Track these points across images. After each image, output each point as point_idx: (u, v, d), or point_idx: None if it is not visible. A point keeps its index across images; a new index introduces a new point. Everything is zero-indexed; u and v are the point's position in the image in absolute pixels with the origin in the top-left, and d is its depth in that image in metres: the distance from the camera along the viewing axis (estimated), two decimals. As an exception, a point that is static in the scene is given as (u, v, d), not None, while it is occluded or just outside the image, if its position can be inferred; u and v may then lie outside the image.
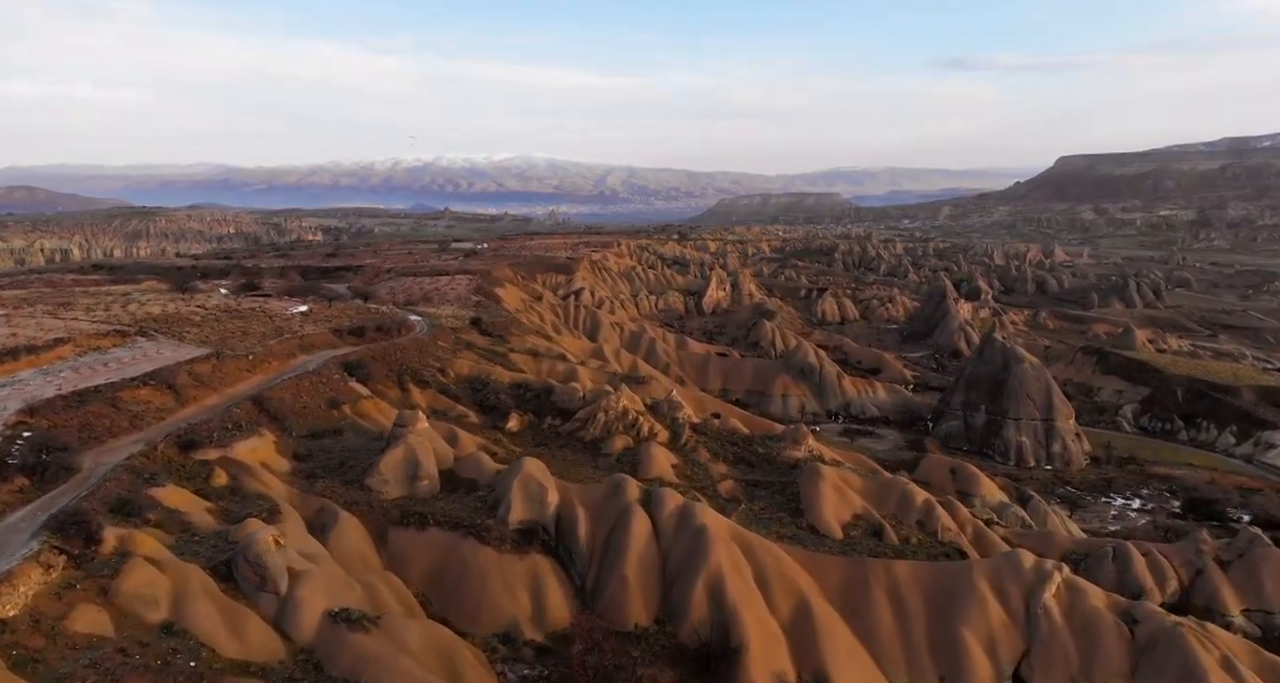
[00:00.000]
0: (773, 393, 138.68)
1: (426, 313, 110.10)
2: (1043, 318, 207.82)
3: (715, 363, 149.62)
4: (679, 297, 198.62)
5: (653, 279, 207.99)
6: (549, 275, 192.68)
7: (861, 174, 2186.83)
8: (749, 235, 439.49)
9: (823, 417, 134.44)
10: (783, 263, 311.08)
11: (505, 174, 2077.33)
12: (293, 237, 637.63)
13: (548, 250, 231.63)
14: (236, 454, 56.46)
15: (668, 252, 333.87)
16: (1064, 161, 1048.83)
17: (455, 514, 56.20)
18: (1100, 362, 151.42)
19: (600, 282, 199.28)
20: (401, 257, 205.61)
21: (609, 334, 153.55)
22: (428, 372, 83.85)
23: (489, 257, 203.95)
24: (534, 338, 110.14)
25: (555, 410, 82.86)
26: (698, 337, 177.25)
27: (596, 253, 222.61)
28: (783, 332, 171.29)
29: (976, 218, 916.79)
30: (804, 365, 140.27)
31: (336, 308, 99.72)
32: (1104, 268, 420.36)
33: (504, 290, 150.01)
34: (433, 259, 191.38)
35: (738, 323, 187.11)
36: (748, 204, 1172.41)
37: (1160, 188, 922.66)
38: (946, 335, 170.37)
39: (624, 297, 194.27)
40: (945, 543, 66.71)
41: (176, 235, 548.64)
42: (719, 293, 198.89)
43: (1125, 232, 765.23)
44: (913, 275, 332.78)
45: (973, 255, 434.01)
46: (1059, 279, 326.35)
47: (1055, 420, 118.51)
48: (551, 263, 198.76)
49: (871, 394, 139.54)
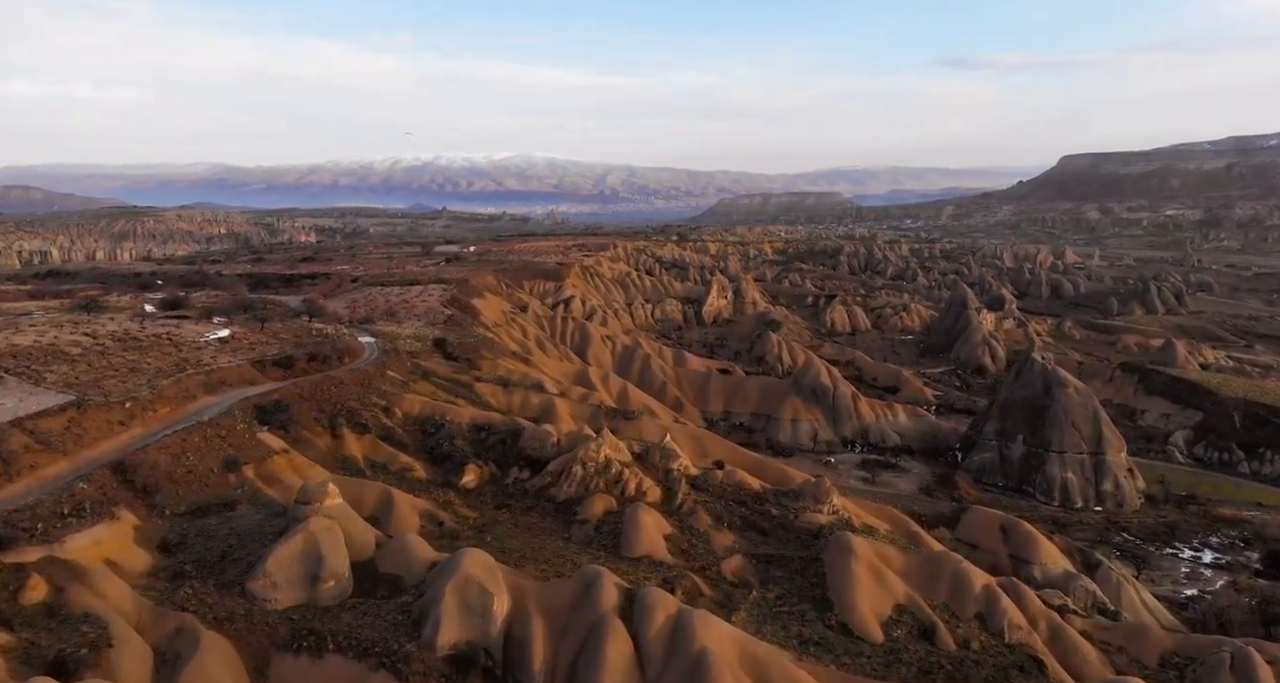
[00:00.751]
0: (781, 416, 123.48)
1: (384, 333, 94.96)
2: (1068, 327, 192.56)
3: (717, 382, 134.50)
4: (677, 305, 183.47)
5: (649, 286, 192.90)
6: (537, 283, 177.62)
7: (862, 173, 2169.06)
8: (750, 237, 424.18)
9: (837, 445, 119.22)
10: (786, 266, 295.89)
11: (505, 173, 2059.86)
12: (285, 237, 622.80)
13: (538, 254, 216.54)
14: (69, 552, 41.41)
15: (666, 254, 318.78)
16: (1067, 161, 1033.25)
17: (365, 634, 41.15)
18: (1143, 381, 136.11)
19: (592, 289, 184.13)
20: (379, 261, 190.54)
21: (599, 350, 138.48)
22: (369, 412, 68.81)
23: (473, 262, 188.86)
24: (508, 362, 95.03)
25: (523, 459, 67.82)
26: (697, 350, 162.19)
27: (589, 257, 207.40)
28: (789, 345, 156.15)
29: (980, 217, 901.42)
30: (816, 386, 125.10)
31: (270, 330, 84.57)
32: (1117, 270, 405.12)
33: (483, 302, 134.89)
34: (411, 265, 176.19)
35: (740, 334, 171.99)
36: (748, 204, 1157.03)
37: (1165, 187, 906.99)
38: (969, 349, 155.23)
39: (618, 306, 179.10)
40: (1015, 647, 51.65)
41: (164, 236, 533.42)
42: (720, 301, 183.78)
43: (1131, 231, 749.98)
44: (922, 279, 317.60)
45: (982, 257, 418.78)
46: (1075, 283, 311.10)
47: (1105, 454, 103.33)
48: (540, 269, 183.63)
49: (891, 418, 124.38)
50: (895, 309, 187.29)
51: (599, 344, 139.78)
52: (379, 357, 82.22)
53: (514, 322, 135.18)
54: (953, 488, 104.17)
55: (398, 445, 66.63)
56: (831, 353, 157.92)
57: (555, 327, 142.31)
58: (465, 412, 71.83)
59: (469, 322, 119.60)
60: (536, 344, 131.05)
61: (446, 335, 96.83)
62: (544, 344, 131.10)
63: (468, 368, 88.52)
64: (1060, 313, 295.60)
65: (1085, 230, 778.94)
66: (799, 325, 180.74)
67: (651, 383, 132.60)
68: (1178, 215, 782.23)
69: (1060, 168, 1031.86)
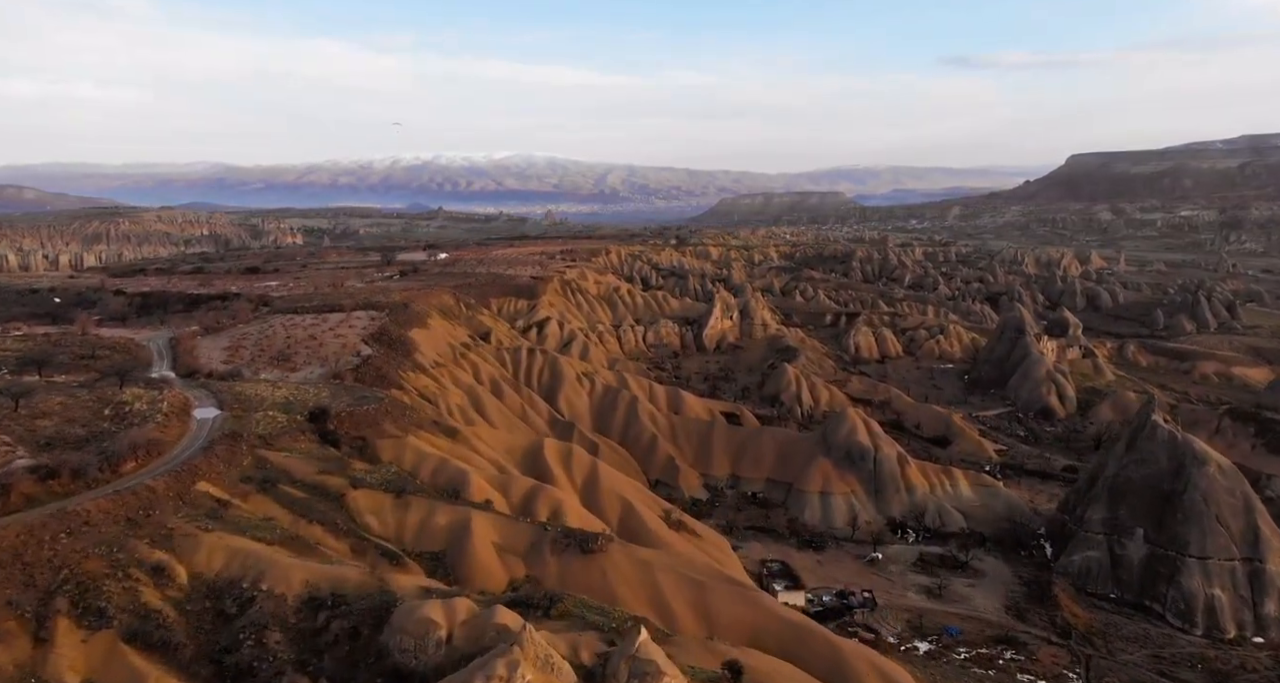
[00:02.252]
0: (806, 486, 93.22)
1: (242, 398, 64.63)
2: (1131, 352, 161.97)
3: (722, 435, 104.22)
4: (673, 328, 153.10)
5: (640, 305, 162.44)
6: (507, 301, 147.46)
7: (864, 173, 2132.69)
8: (754, 240, 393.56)
9: (882, 528, 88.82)
10: (795, 275, 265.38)
11: (505, 173, 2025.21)
12: (271, 238, 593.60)
13: (515, 264, 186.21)
14: None
15: (664, 260, 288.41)
16: (1076, 160, 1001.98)
17: None
18: (1263, 434, 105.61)
19: (572, 308, 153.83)
20: (322, 275, 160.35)
21: (573, 394, 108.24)
22: (119, 583, 38.95)
23: (434, 275, 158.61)
24: (423, 439, 64.85)
25: (384, 674, 38.06)
26: (697, 384, 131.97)
27: (572, 269, 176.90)
28: (809, 380, 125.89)
29: (988, 218, 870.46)
30: (851, 447, 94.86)
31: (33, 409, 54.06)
32: (1147, 276, 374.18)
33: (423, 333, 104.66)
34: (354, 280, 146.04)
35: (749, 364, 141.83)
36: (749, 203, 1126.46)
37: (1178, 187, 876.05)
38: (1031, 387, 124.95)
39: (603, 327, 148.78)
40: None
41: (140, 238, 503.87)
42: (724, 323, 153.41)
43: (1146, 233, 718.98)
44: (943, 287, 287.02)
45: (1000, 261, 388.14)
46: (1112, 293, 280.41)
47: (1265, 561, 73.16)
48: (511, 284, 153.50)
49: (950, 490, 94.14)
50: (931, 332, 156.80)
51: (573, 386, 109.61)
52: (199, 451, 52.07)
53: (464, 359, 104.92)
54: (1051, 604, 74.13)
55: (156, 650, 36.83)
56: (861, 390, 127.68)
57: (520, 363, 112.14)
58: (297, 572, 41.62)
59: (395, 364, 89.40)
60: (491, 389, 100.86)
61: (336, 400, 66.52)
62: (501, 389, 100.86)
63: (351, 457, 58.38)
64: (1096, 326, 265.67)
65: (1097, 231, 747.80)
66: (817, 351, 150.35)
67: (639, 438, 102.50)
68: (1193, 216, 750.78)
69: (1069, 167, 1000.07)
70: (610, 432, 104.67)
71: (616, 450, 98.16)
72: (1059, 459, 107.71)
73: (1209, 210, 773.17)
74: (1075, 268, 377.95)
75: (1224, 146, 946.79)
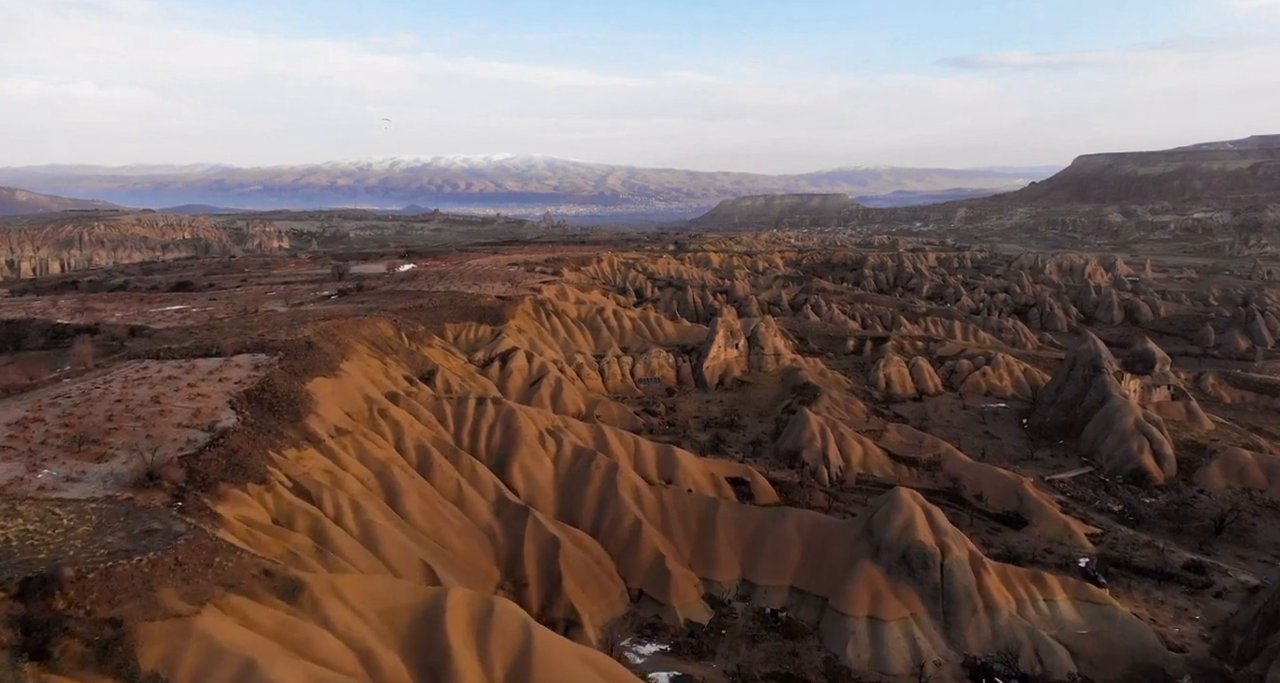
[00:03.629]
0: (848, 605, 66.09)
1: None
2: (1209, 384, 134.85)
3: (730, 519, 77.08)
4: (668, 358, 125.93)
5: (628, 329, 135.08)
6: (466, 327, 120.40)
7: (865, 174, 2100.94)
8: (758, 245, 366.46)
9: (959, 675, 61.93)
10: (805, 285, 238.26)
11: (504, 174, 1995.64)
12: (255, 242, 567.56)
13: (487, 276, 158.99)
14: None
15: (660, 269, 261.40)
16: (1083, 161, 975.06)
17: None
18: None
19: (546, 334, 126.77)
20: (251, 293, 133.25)
21: (531, 461, 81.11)
22: None
23: (380, 294, 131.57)
24: (229, 613, 37.88)
25: None
26: (696, 434, 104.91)
27: (550, 285, 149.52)
28: (837, 431, 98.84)
29: (994, 220, 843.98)
30: (909, 549, 67.71)
31: None
32: (1179, 283, 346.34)
33: (329, 383, 77.66)
34: (278, 303, 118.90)
35: (760, 405, 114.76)
36: (750, 205, 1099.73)
37: (1188, 188, 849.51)
38: (1116, 442, 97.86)
39: (583, 359, 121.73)
40: None
41: (115, 243, 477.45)
42: (728, 352, 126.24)
43: (1159, 235, 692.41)
44: (966, 299, 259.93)
45: (1019, 267, 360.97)
46: (1152, 304, 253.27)
47: None
48: (473, 306, 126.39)
49: (1044, 610, 67.04)
50: (975, 362, 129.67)
51: (533, 449, 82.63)
52: None
53: (384, 418, 77.84)
54: None
55: None
56: (903, 445, 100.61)
57: (465, 418, 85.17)
58: None
59: (268, 440, 62.44)
60: (417, 463, 73.94)
61: (91, 544, 39.70)
62: (430, 462, 73.87)
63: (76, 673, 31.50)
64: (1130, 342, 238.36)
65: (1108, 234, 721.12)
66: (841, 388, 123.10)
67: (617, 525, 75.47)
68: (1206, 218, 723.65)
69: (1075, 168, 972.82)
70: (579, 515, 77.71)
71: (585, 549, 71.22)
72: (1176, 550, 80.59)
73: (1222, 212, 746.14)
74: (1101, 275, 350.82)
75: (1234, 147, 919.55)
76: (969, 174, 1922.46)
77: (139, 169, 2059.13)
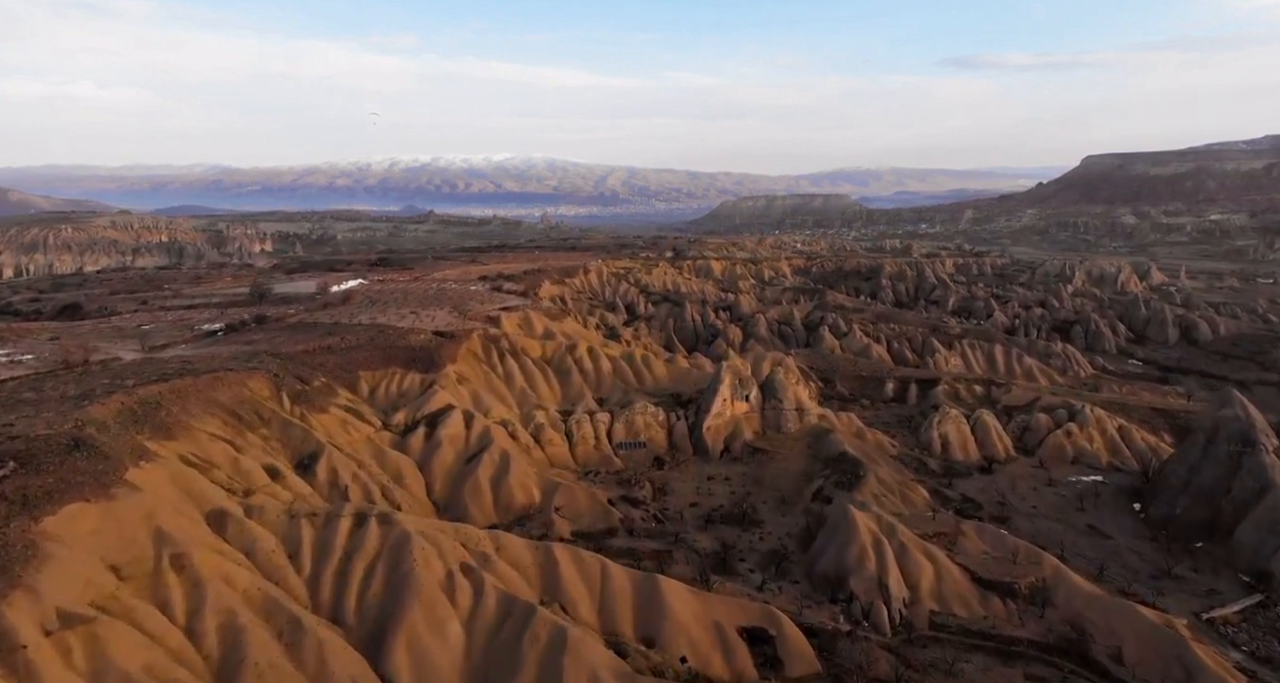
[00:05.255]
0: None
1: None
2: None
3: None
4: (656, 414, 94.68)
5: (607, 373, 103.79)
6: (388, 376, 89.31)
7: (866, 174, 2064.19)
8: (762, 251, 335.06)
9: None
10: (819, 301, 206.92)
11: (504, 174, 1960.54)
12: (235, 245, 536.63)
13: (434, 299, 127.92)
14: None
15: (655, 281, 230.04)
16: (1091, 161, 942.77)
17: None
18: None
19: (498, 382, 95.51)
20: (108, 327, 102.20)
21: (428, 627, 49.68)
22: None
23: (287, 329, 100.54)
24: None
25: None
26: (693, 534, 73.78)
27: (511, 313, 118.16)
28: (895, 541, 67.73)
29: (1003, 221, 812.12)
30: None
31: None
32: (1219, 294, 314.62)
33: (99, 510, 46.65)
34: (128, 341, 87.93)
35: (781, 486, 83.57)
36: (752, 206, 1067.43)
37: (1202, 189, 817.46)
38: (1302, 559, 67.11)
39: (545, 417, 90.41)
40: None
41: (83, 247, 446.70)
42: (735, 407, 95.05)
43: (1175, 238, 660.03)
44: (999, 315, 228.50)
45: (1046, 275, 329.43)
46: (1210, 321, 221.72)
47: None
48: (401, 347, 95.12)
49: None
50: (1056, 418, 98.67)
51: (430, 607, 51.29)
52: None
53: (181, 571, 46.79)
54: None
55: None
56: (984, 556, 69.55)
57: (329, 551, 54.07)
58: None
59: None
60: (222, 649, 43.06)
61: None
62: (238, 658, 42.89)
63: None
64: (1199, 367, 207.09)
65: (1122, 236, 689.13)
66: (886, 456, 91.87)
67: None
68: (1223, 220, 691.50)
69: (1084, 168, 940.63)
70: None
71: None
72: None
73: (1239, 214, 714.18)
74: (1135, 283, 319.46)
75: (1247, 147, 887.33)
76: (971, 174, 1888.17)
77: (138, 169, 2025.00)
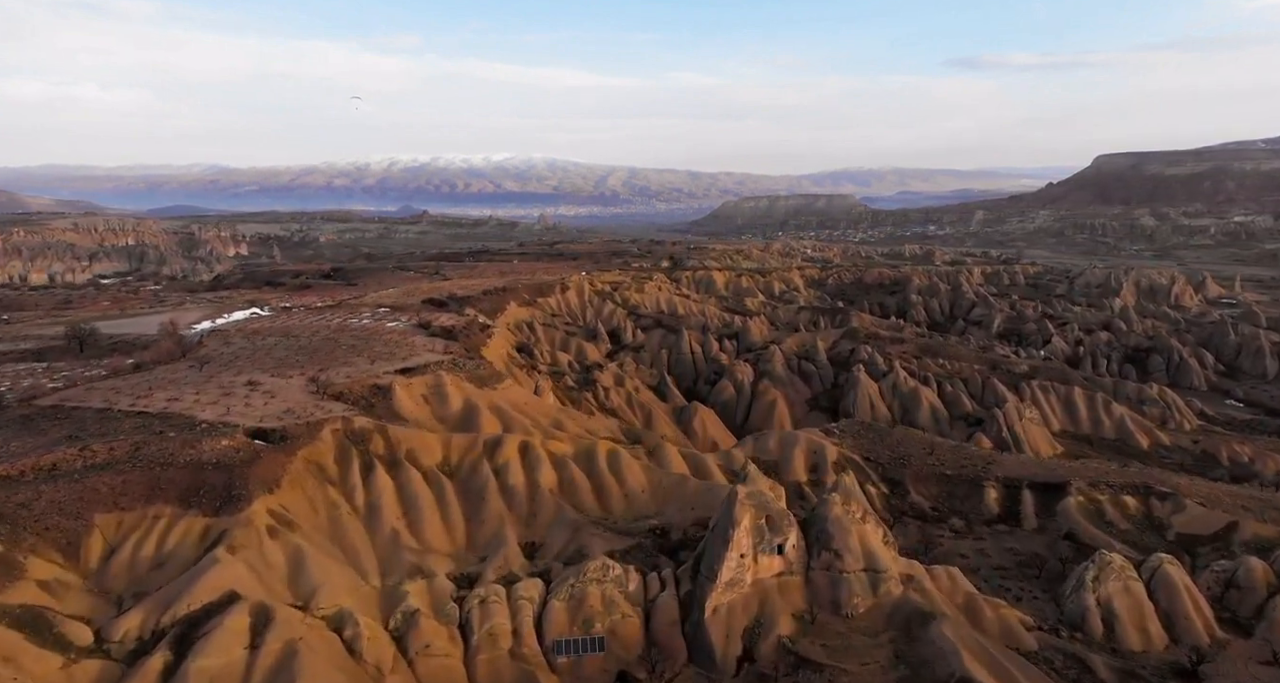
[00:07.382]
0: None
1: None
2: None
3: None
4: (624, 582, 54.55)
5: (547, 489, 63.57)
6: (147, 525, 49.29)
7: (868, 174, 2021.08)
8: (770, 259, 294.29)
9: None
10: (846, 328, 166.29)
11: (503, 174, 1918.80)
12: (206, 249, 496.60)
13: (313, 353, 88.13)
14: None
15: (647, 299, 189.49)
16: (1103, 160, 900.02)
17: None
18: None
19: (351, 521, 55.37)
20: None
21: None
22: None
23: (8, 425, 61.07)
24: None
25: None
26: None
27: (420, 375, 77.95)
28: None
29: (1015, 223, 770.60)
30: None
31: None
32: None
33: None
34: None
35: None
36: (754, 206, 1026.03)
37: (1221, 190, 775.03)
38: None
39: (421, 594, 49.99)
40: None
41: (35, 251, 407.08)
42: (760, 567, 54.90)
43: (1199, 241, 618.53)
44: (1058, 340, 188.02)
45: (1086, 284, 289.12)
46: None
47: None
48: (183, 470, 54.66)
49: None
50: (1276, 566, 58.76)
51: None
52: None
53: None
54: None
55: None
56: None
57: None
58: None
59: None
60: None
61: None
62: None
63: None
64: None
65: (1143, 239, 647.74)
66: (1013, 637, 51.92)
67: None
68: (1248, 222, 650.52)
69: (1095, 168, 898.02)
70: None
71: None
72: None
73: (1262, 215, 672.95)
74: (1190, 296, 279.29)
75: (1266, 146, 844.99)
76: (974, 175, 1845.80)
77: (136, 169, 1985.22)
